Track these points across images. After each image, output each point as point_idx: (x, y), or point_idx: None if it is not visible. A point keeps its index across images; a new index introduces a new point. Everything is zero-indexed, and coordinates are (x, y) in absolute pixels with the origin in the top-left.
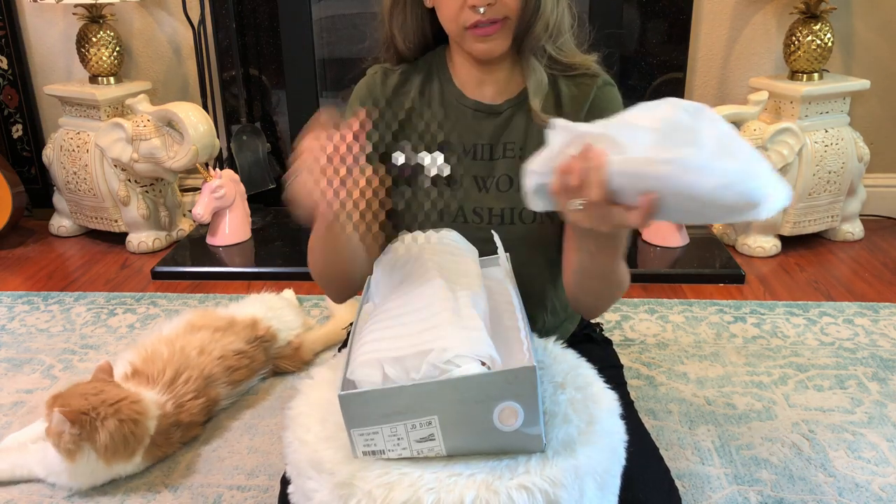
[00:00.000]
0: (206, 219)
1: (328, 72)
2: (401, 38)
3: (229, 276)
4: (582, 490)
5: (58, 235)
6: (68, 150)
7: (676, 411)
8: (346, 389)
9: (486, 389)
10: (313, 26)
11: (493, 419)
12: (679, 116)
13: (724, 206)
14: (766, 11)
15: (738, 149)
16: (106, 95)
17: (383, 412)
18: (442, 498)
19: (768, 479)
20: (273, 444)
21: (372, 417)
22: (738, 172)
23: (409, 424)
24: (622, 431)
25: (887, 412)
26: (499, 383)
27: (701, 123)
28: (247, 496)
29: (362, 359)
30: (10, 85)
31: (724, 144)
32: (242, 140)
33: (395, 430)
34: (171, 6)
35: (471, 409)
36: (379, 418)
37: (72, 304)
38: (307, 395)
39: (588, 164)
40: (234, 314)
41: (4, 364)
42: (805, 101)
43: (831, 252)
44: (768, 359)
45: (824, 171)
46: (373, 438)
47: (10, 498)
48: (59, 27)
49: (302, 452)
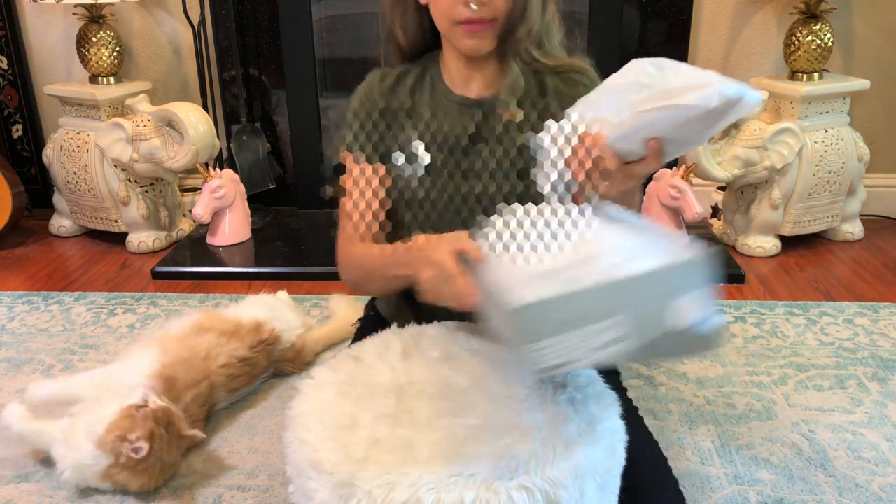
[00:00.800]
0: (206, 219)
1: (328, 72)
2: (401, 34)
3: (229, 276)
4: (582, 490)
5: (58, 235)
6: (68, 150)
7: (676, 411)
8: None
9: (668, 282)
10: (313, 26)
11: (675, 314)
12: (643, 68)
13: (713, 111)
14: (766, 11)
15: (703, 73)
16: (106, 95)
17: (564, 319)
18: (442, 498)
19: (768, 479)
20: (273, 444)
21: (550, 328)
22: (711, 77)
23: (591, 329)
24: (622, 431)
25: (887, 412)
26: (680, 274)
27: (665, 67)
28: (247, 496)
29: (523, 277)
30: (10, 85)
31: (691, 72)
32: (242, 140)
33: (578, 337)
34: (171, 6)
35: (651, 305)
36: (558, 327)
37: (72, 304)
38: (307, 396)
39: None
40: (239, 316)
41: (4, 364)
42: (805, 101)
43: (831, 252)
44: (768, 359)
45: (824, 171)
46: (552, 350)
47: (10, 498)
48: (59, 27)
49: (302, 452)
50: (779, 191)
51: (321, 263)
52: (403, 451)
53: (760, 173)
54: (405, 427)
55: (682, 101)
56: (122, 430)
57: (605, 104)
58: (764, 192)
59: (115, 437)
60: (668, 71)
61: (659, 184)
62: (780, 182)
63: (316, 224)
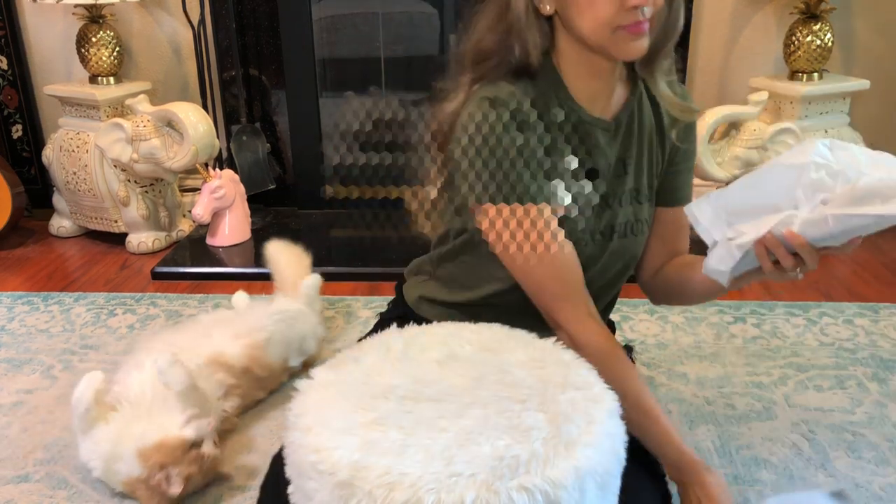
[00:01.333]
0: (205, 219)
1: (328, 72)
2: (519, 47)
3: (229, 276)
4: (582, 491)
5: (58, 236)
6: (68, 150)
7: (676, 411)
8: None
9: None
10: (313, 26)
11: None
12: (818, 149)
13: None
14: (766, 11)
15: (878, 157)
16: (106, 95)
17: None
18: (442, 498)
19: (768, 479)
20: (273, 444)
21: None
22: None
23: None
24: (622, 432)
25: (887, 412)
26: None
27: (836, 147)
28: (247, 496)
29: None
30: (10, 85)
31: (865, 155)
32: (242, 140)
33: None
34: (171, 6)
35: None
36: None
37: (72, 304)
38: (307, 396)
39: (793, 245)
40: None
41: (4, 364)
42: (805, 102)
43: (831, 252)
44: (768, 359)
45: None
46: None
47: (10, 498)
48: (59, 27)
49: (302, 453)
50: None
51: (321, 263)
52: (403, 451)
53: None
54: (405, 427)
55: (891, 211)
56: (167, 459)
57: (777, 186)
58: None
59: (157, 462)
60: (840, 151)
61: None
62: None
63: (316, 224)
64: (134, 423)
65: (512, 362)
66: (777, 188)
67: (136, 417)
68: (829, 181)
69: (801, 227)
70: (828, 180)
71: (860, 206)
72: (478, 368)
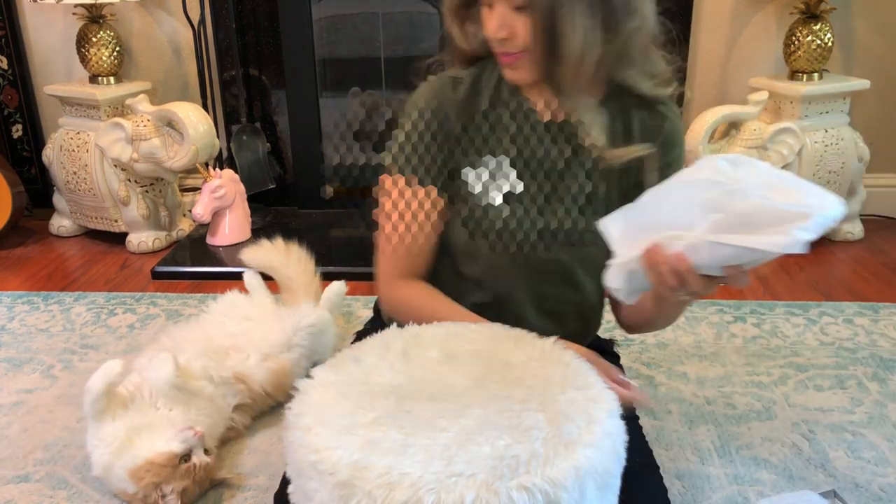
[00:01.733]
0: (206, 219)
1: (328, 72)
2: (461, 39)
3: (229, 276)
4: (582, 491)
5: (58, 235)
6: (68, 150)
7: (676, 411)
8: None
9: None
10: (313, 26)
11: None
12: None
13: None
14: (766, 11)
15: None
16: (106, 95)
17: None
18: (442, 498)
19: (768, 479)
20: (273, 444)
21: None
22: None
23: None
24: (622, 432)
25: (887, 412)
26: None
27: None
28: (247, 496)
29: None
30: (10, 85)
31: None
32: (242, 140)
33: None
34: (171, 6)
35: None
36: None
37: (72, 304)
38: (307, 396)
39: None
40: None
41: (4, 364)
42: (805, 101)
43: (831, 252)
44: (768, 359)
45: (824, 171)
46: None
47: (10, 498)
48: (59, 27)
49: (302, 453)
50: None
51: (321, 263)
52: (403, 451)
53: None
54: (405, 427)
55: (763, 246)
56: (159, 478)
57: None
58: None
59: (150, 482)
60: (744, 168)
61: None
62: None
63: (316, 224)
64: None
65: (512, 362)
66: (674, 206)
67: (141, 421)
68: (725, 200)
69: (686, 250)
70: (723, 200)
71: (734, 233)
72: (478, 368)
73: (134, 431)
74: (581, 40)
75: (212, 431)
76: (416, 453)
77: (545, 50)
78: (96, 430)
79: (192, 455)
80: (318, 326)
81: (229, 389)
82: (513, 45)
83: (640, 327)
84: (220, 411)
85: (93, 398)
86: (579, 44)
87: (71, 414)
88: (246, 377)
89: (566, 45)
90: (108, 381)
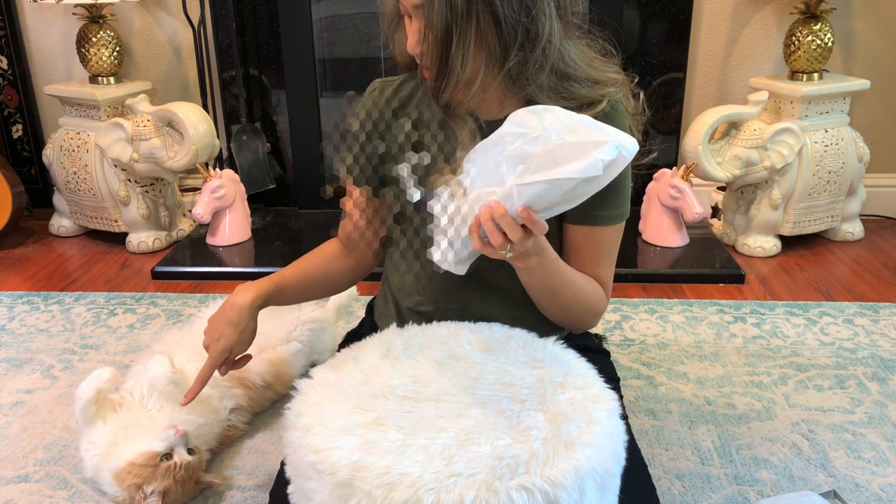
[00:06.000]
0: (206, 219)
1: (328, 72)
2: (395, 47)
3: (229, 276)
4: (582, 490)
5: (58, 235)
6: (68, 150)
7: (676, 411)
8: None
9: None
10: (313, 26)
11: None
12: (522, 118)
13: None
14: (766, 11)
15: (580, 119)
16: (106, 95)
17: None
18: (442, 498)
19: (768, 479)
20: (273, 444)
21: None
22: (587, 127)
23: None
24: (622, 432)
25: (887, 412)
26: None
27: (543, 113)
28: (247, 496)
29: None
30: (10, 85)
31: (568, 119)
32: (242, 140)
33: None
34: (171, 6)
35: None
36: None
37: (72, 304)
38: (307, 396)
39: (495, 216)
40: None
41: (4, 364)
42: (805, 101)
43: (831, 252)
44: (768, 359)
45: (824, 171)
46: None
47: (10, 498)
48: (59, 27)
49: (302, 453)
50: (779, 191)
51: None
52: (403, 451)
53: (760, 173)
54: (405, 427)
55: (566, 174)
56: (140, 479)
57: (484, 165)
58: (764, 192)
59: (132, 484)
60: (546, 116)
61: (659, 184)
62: (780, 182)
63: (316, 224)
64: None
65: (512, 362)
66: (484, 166)
67: (129, 421)
68: (528, 148)
69: (501, 200)
70: (528, 149)
71: (537, 173)
72: (478, 368)
73: (121, 433)
74: (469, 65)
75: (204, 432)
76: (416, 453)
77: (436, 69)
78: (87, 434)
79: (174, 454)
80: (319, 323)
81: (226, 392)
82: (423, 61)
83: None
84: (215, 412)
85: (82, 405)
86: (467, 69)
87: (71, 414)
88: (244, 375)
89: (453, 68)
90: (97, 388)
